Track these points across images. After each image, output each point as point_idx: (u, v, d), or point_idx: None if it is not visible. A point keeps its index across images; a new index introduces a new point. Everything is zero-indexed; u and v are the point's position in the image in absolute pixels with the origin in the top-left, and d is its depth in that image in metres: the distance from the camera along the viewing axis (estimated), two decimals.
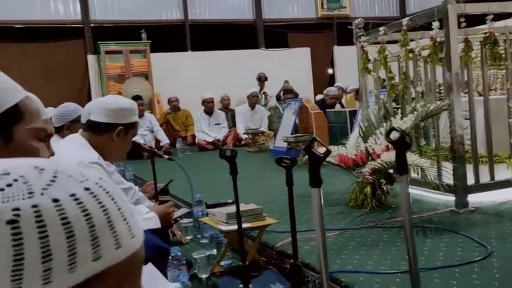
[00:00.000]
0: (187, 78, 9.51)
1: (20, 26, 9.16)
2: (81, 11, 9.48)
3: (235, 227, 2.28)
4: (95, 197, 0.47)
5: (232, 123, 8.69)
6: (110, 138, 2.21)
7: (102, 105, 2.23)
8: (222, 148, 2.15)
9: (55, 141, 1.31)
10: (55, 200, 0.44)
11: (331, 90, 8.19)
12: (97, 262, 0.45)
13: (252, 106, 8.51)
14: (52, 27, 9.34)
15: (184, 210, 2.87)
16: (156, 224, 2.26)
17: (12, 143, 0.98)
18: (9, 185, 0.44)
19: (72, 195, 0.45)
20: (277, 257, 2.57)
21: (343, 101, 8.67)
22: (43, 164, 0.47)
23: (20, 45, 9.14)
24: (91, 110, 2.24)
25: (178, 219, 2.73)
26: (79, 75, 9.42)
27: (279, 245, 2.58)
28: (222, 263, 2.61)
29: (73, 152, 2.07)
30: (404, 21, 3.52)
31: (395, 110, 3.84)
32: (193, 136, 8.41)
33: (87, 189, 0.47)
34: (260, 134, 7.77)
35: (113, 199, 0.49)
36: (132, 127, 2.27)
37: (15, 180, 0.44)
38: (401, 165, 1.68)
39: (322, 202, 1.63)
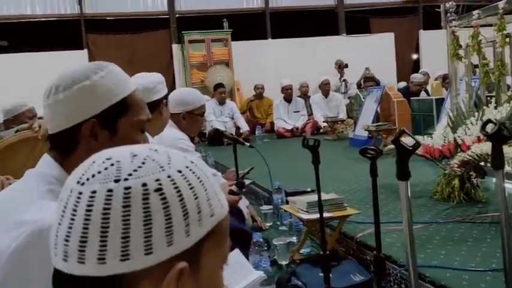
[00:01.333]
0: (267, 66, 9.57)
1: (112, 18, 9.71)
2: (168, 3, 9.86)
3: (316, 216, 2.27)
4: (174, 185, 0.53)
5: (310, 110, 8.62)
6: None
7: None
8: (305, 137, 2.14)
9: None
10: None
11: (416, 77, 7.85)
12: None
13: (325, 94, 8.37)
14: (140, 19, 9.81)
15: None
16: None
17: (116, 136, 1.00)
18: (106, 169, 0.52)
19: (157, 180, 0.52)
20: (357, 247, 2.53)
21: (428, 88, 8.27)
22: (139, 152, 0.55)
23: (111, 36, 9.70)
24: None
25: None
26: (164, 64, 9.80)
27: (359, 236, 2.54)
28: (302, 250, 2.63)
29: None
30: (501, 4, 3.27)
31: (489, 98, 3.60)
32: (272, 123, 8.47)
33: (168, 176, 0.54)
34: (339, 122, 7.65)
35: (193, 187, 0.55)
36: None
37: (112, 165, 0.53)
38: (498, 160, 1.58)
39: (410, 195, 1.58)
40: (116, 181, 0.51)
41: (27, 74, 8.15)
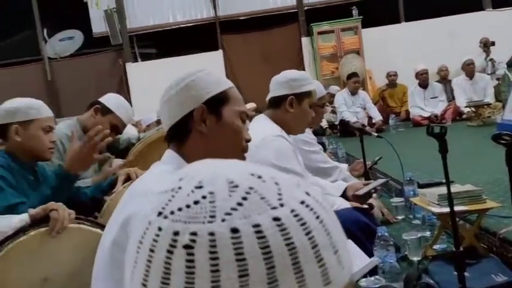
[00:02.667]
0: (400, 51, 9.09)
1: (244, 17, 10.12)
2: None
3: (448, 209, 2.11)
4: (282, 231, 0.40)
5: (451, 95, 7.97)
6: (285, 110, 2.25)
7: (274, 80, 2.32)
8: (429, 125, 1.98)
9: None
10: (234, 230, 0.40)
11: None
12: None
13: (470, 76, 7.62)
14: (270, 16, 10.05)
15: (379, 181, 2.71)
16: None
17: (222, 120, 1.18)
18: (196, 202, 0.42)
19: (256, 226, 0.40)
20: (500, 244, 2.29)
21: None
22: (239, 179, 0.43)
23: (243, 35, 10.11)
24: (270, 88, 2.36)
25: (372, 191, 2.54)
26: (294, 59, 9.90)
27: (503, 232, 2.29)
28: (436, 246, 2.46)
29: (257, 129, 2.19)
30: None
31: None
32: (407, 112, 8.04)
33: (276, 219, 0.41)
34: (485, 107, 6.95)
35: (308, 233, 0.41)
36: (306, 96, 2.27)
37: (204, 197, 0.42)
38: None
39: None
40: (209, 222, 0.41)
41: (172, 77, 8.89)
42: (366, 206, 2.46)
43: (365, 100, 7.83)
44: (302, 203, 0.42)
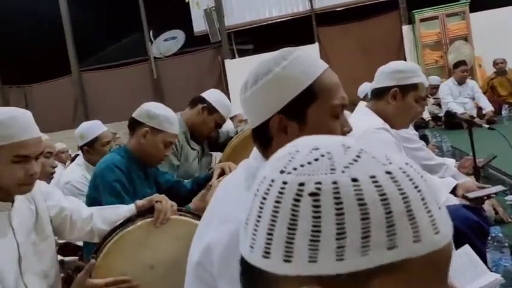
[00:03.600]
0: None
1: (340, 9, 9.90)
2: None
3: None
4: (395, 182, 0.45)
5: None
6: (387, 102, 2.13)
7: (380, 70, 2.20)
8: None
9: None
10: (354, 180, 0.44)
11: None
12: (391, 251, 0.43)
13: None
14: (368, 5, 9.72)
15: (497, 188, 2.46)
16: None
17: (306, 126, 0.97)
18: (316, 159, 0.46)
19: (372, 176, 0.45)
20: None
21: None
22: (350, 143, 0.48)
23: (340, 26, 9.90)
24: (375, 79, 2.25)
25: (485, 198, 2.32)
26: (394, 48, 9.49)
27: None
28: None
29: (358, 121, 2.10)
30: None
31: None
32: None
33: (388, 172, 0.45)
34: None
35: (416, 187, 0.45)
36: (411, 89, 2.12)
37: (322, 156, 0.46)
38: None
39: None
40: (331, 173, 0.45)
41: None
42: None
43: (474, 90, 7.26)
44: (406, 164, 0.47)
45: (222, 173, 2.08)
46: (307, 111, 0.97)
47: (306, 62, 0.99)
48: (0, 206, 1.48)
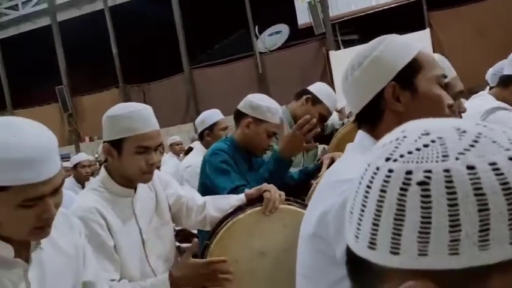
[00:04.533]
0: None
1: None
2: None
3: None
4: None
5: None
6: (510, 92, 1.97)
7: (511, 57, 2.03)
8: None
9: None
10: (470, 167, 0.41)
11: None
12: None
13: None
14: None
15: None
16: None
17: (417, 95, 1.02)
18: (425, 146, 0.43)
19: (492, 163, 0.41)
20: None
21: None
22: (466, 126, 0.44)
23: (452, 10, 9.26)
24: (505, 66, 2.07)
25: None
26: None
27: None
28: None
29: (477, 104, 1.95)
30: None
31: None
32: None
33: None
34: None
35: None
36: None
37: (433, 142, 0.43)
38: None
39: None
40: (443, 161, 0.42)
41: None
42: None
43: None
44: None
45: (332, 163, 2.08)
46: (416, 80, 1.03)
47: (402, 42, 1.07)
48: (125, 192, 1.63)
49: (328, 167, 2.05)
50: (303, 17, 10.27)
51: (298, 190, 2.14)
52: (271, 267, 1.63)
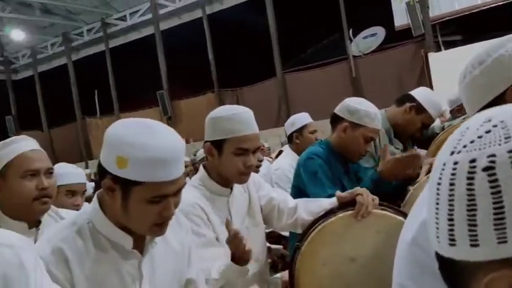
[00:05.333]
0: None
1: None
2: None
3: None
4: None
5: None
6: None
7: None
8: None
9: None
10: None
11: None
12: None
13: None
14: None
15: None
16: None
17: None
18: (487, 132, 0.43)
19: None
20: None
21: None
22: None
23: None
24: None
25: None
26: None
27: None
28: None
29: None
30: None
31: None
32: None
33: None
34: None
35: None
36: None
37: (495, 126, 0.43)
38: None
39: None
40: (505, 142, 0.41)
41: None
42: None
43: None
44: None
45: (430, 170, 1.97)
46: None
47: None
48: (222, 191, 1.68)
49: (428, 172, 1.95)
50: (400, 19, 9.90)
51: (395, 196, 2.07)
52: (360, 273, 1.59)
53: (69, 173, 2.18)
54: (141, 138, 1.05)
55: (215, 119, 1.62)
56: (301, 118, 3.35)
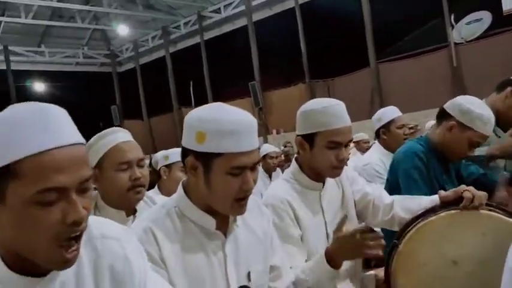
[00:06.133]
0: None
1: None
2: None
3: None
4: None
5: None
6: None
7: None
8: None
9: None
10: None
11: None
12: None
13: None
14: None
15: None
16: None
17: None
18: None
19: None
20: None
21: None
22: None
23: None
24: None
25: None
26: None
27: None
28: None
29: None
30: None
31: None
32: None
33: None
34: None
35: None
36: None
37: None
38: None
39: None
40: None
41: None
42: None
43: None
44: None
45: None
46: None
47: None
48: (314, 185, 1.67)
49: None
50: (509, 2, 9.10)
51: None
52: (463, 278, 1.49)
53: (179, 152, 2.38)
54: (215, 114, 1.17)
55: (307, 112, 1.61)
56: (388, 112, 3.19)
